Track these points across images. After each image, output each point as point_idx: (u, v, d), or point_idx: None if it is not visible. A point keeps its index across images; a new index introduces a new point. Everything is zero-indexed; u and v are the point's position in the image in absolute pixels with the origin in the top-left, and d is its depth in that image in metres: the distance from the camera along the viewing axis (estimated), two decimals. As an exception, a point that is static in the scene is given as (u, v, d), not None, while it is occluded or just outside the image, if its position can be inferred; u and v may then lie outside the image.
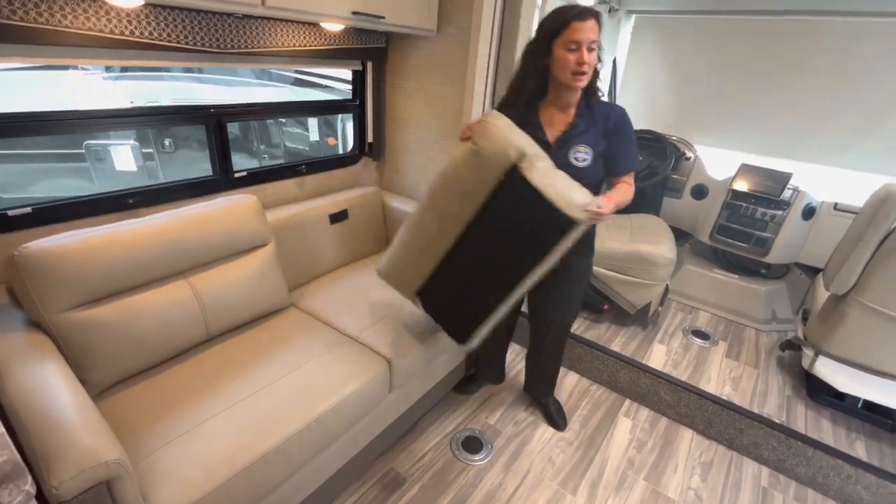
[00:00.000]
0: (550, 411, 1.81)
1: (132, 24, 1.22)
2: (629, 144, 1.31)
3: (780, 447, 1.67)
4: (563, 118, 1.30)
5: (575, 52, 1.15)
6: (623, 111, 1.30)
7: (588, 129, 1.27)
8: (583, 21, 1.13)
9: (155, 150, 3.57)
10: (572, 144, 1.27)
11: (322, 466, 1.30)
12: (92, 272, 1.14)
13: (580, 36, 1.13)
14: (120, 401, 1.16)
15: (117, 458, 0.81)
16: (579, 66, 1.16)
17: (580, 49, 1.14)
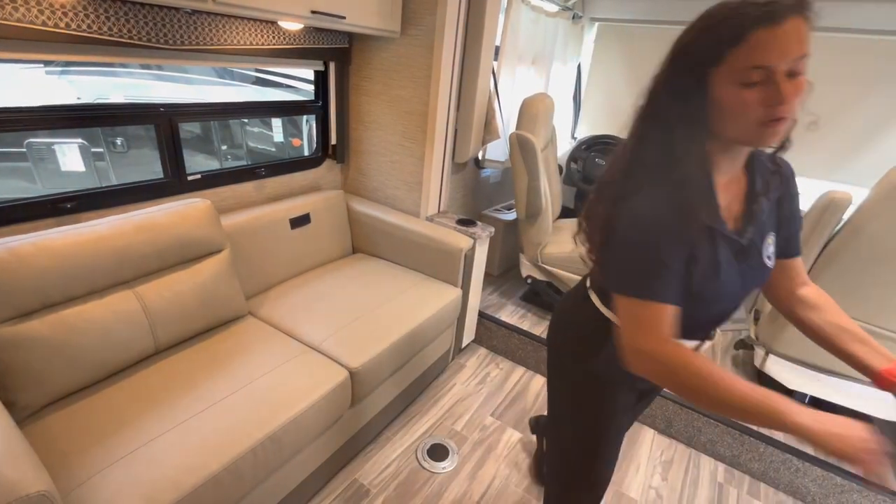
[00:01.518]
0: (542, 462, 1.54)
1: (68, 16, 1.13)
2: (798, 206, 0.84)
3: (734, 444, 1.73)
4: (733, 193, 0.76)
5: (763, 87, 0.61)
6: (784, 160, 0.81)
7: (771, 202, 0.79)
8: (775, 25, 0.59)
9: (106, 150, 3.37)
10: (761, 233, 0.77)
11: (280, 483, 1.24)
12: (20, 284, 1.05)
13: (775, 57, 0.59)
14: (54, 423, 1.07)
15: (41, 490, 0.74)
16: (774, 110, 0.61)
17: (773, 79, 0.60)
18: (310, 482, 1.38)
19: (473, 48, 1.98)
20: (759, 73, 0.60)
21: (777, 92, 0.60)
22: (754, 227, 0.76)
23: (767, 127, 0.63)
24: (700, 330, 0.84)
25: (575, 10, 2.95)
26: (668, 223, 0.69)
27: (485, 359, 2.20)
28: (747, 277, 0.77)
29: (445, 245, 1.87)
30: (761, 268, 0.78)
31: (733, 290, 0.77)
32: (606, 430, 0.98)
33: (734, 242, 0.75)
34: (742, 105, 0.63)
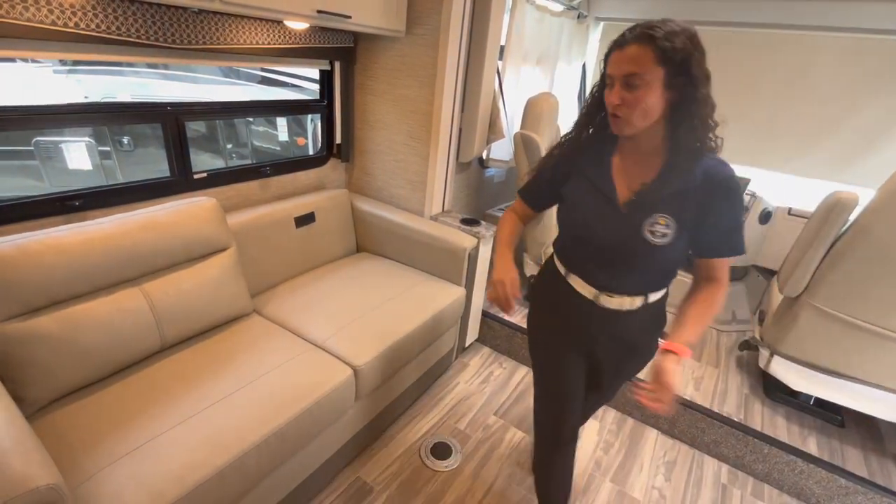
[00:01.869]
0: None
1: (76, 15, 1.14)
2: (736, 220, 0.93)
3: (738, 445, 1.72)
4: (640, 171, 0.94)
5: (609, 90, 0.87)
6: (731, 174, 0.91)
7: (678, 194, 0.91)
8: (619, 49, 0.84)
9: (112, 149, 3.40)
10: (650, 212, 0.92)
11: (283, 480, 1.25)
12: (30, 281, 1.07)
13: (612, 69, 0.86)
14: (61, 418, 1.08)
15: (50, 483, 0.75)
16: (611, 107, 0.87)
17: (613, 85, 0.86)
18: (314, 479, 1.38)
19: (478, 48, 1.98)
20: (608, 79, 0.88)
21: (611, 94, 0.87)
22: (636, 202, 0.94)
23: (610, 118, 0.90)
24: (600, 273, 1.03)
25: (580, 10, 2.95)
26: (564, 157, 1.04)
27: (488, 358, 2.21)
28: (618, 234, 0.96)
29: (449, 244, 1.87)
30: (638, 236, 0.93)
31: (599, 234, 0.98)
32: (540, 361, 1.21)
33: (609, 200, 0.97)
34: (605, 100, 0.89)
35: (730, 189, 0.91)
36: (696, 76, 0.82)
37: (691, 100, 0.84)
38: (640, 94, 0.83)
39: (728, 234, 0.94)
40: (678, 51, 0.80)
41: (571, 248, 1.08)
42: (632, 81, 0.83)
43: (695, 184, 0.89)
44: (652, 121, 0.86)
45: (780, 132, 2.76)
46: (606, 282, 1.02)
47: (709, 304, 0.98)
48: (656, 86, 0.82)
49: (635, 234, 0.93)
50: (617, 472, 1.67)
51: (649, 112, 0.85)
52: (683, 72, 0.82)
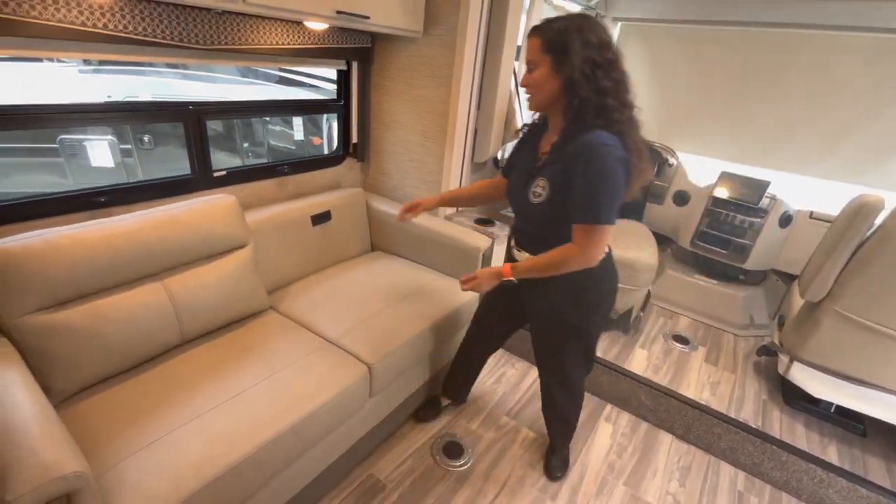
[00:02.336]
0: (552, 455, 1.62)
1: (105, 16, 1.17)
2: (594, 185, 1.01)
3: (755, 452, 1.69)
4: (547, 147, 1.17)
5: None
6: (596, 147, 1.01)
7: (555, 161, 1.10)
8: (527, 39, 1.07)
9: (134, 147, 3.47)
10: (536, 176, 1.15)
11: (298, 475, 1.27)
12: (57, 274, 1.10)
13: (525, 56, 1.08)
14: (85, 409, 1.11)
15: (77, 471, 0.77)
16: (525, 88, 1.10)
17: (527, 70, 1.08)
18: (327, 475, 1.40)
19: (495, 48, 1.98)
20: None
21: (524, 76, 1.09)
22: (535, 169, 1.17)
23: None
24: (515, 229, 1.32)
25: (597, 10, 2.93)
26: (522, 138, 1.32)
27: (500, 358, 2.20)
28: (518, 194, 1.20)
29: (464, 244, 1.87)
30: (525, 196, 1.16)
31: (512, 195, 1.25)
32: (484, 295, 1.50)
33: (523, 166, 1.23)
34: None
35: (588, 161, 1.01)
36: (578, 67, 0.99)
37: (574, 85, 1.01)
38: (535, 75, 1.06)
39: (581, 203, 1.05)
40: (561, 44, 1.00)
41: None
42: (530, 66, 1.06)
43: (568, 154, 1.05)
44: (549, 99, 1.07)
45: (803, 134, 2.70)
46: (517, 237, 1.30)
47: (557, 254, 1.12)
48: (545, 70, 1.04)
49: (524, 194, 1.17)
50: (630, 475, 1.65)
51: (542, 91, 1.06)
52: (566, 62, 1.00)
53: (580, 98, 1.02)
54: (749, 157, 2.87)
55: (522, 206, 1.19)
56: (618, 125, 1.03)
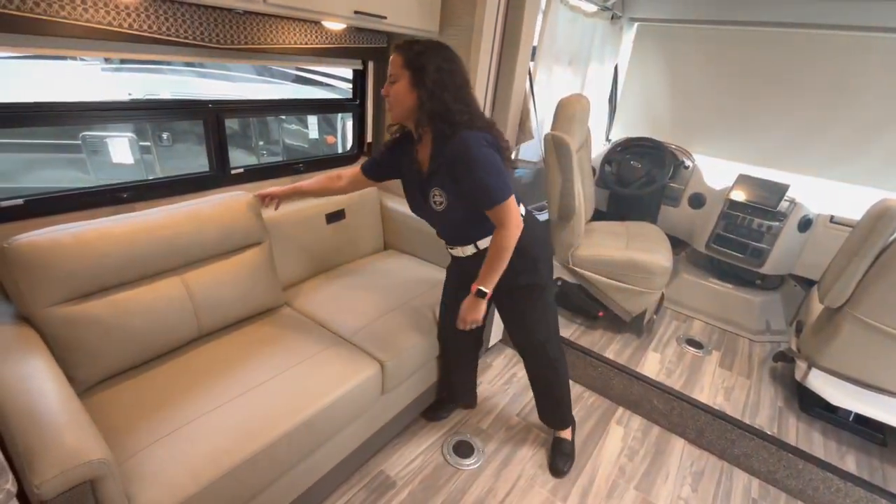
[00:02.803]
0: (556, 452, 1.64)
1: (131, 16, 1.20)
2: (477, 174, 1.12)
3: (770, 459, 1.67)
4: (424, 157, 1.24)
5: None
6: (460, 140, 1.11)
7: (438, 168, 1.19)
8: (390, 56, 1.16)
9: (153, 144, 3.54)
10: (430, 186, 1.22)
11: (311, 468, 1.28)
12: (83, 267, 1.13)
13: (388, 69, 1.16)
14: (107, 398, 1.14)
15: (101, 458, 0.79)
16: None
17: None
18: (340, 469, 1.41)
19: (510, 49, 1.98)
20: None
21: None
22: (424, 181, 1.25)
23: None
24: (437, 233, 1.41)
25: (614, 10, 2.90)
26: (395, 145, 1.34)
27: (511, 359, 2.20)
28: (422, 209, 1.30)
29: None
30: (429, 207, 1.25)
31: (418, 207, 1.34)
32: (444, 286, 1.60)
33: (413, 179, 1.29)
34: None
35: (464, 158, 1.12)
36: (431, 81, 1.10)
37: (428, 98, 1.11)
38: (397, 87, 1.14)
39: (479, 194, 1.14)
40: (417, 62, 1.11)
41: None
42: (392, 79, 1.15)
43: (445, 159, 1.15)
44: (406, 109, 1.15)
45: (823, 136, 2.65)
46: (443, 238, 1.39)
47: (495, 246, 1.19)
48: (404, 83, 1.13)
49: (426, 204, 1.25)
50: (642, 479, 1.64)
51: (402, 103, 1.14)
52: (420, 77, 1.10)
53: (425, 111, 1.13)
54: (767, 159, 2.82)
55: (431, 215, 1.28)
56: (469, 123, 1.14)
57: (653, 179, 2.73)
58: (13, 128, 1.19)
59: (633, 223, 2.64)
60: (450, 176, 1.16)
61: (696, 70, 3.00)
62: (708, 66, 2.94)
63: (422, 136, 1.20)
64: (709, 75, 2.95)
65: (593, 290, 2.32)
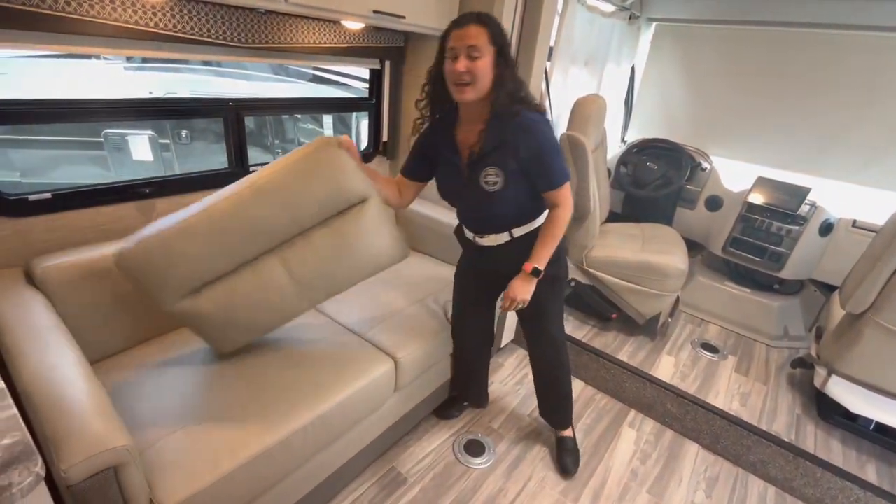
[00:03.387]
0: (559, 450, 1.65)
1: (157, 16, 1.23)
2: (547, 154, 1.14)
3: (787, 466, 1.64)
4: (473, 137, 1.19)
5: (454, 62, 1.07)
6: (529, 120, 1.12)
7: (498, 147, 1.15)
8: (459, 28, 1.07)
9: (172, 141, 3.61)
10: (482, 166, 1.17)
11: (325, 462, 1.30)
12: (195, 259, 1.13)
13: (456, 43, 1.06)
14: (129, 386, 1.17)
15: (125, 445, 0.81)
16: (457, 76, 1.07)
17: (458, 57, 1.06)
18: (352, 464, 1.43)
19: (527, 49, 1.97)
20: (452, 52, 1.08)
21: (457, 64, 1.06)
22: (473, 160, 1.19)
23: (455, 87, 1.10)
24: (471, 221, 1.36)
25: (632, 10, 2.88)
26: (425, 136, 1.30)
27: (523, 360, 2.19)
28: (467, 190, 1.23)
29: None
30: (478, 188, 1.20)
31: (458, 193, 1.30)
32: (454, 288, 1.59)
33: (453, 164, 1.23)
34: (447, 71, 1.10)
35: (535, 135, 1.12)
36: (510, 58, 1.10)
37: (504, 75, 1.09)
38: (482, 63, 1.06)
39: (546, 171, 1.16)
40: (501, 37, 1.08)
41: (456, 208, 1.38)
42: (473, 53, 1.05)
43: (509, 137, 1.13)
44: (485, 87, 1.09)
45: (846, 139, 2.59)
46: (476, 226, 1.34)
47: (551, 225, 1.22)
48: (489, 58, 1.07)
49: (476, 186, 1.20)
50: (654, 483, 1.62)
51: (485, 80, 1.08)
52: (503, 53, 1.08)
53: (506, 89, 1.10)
54: (788, 162, 2.77)
55: (477, 196, 1.22)
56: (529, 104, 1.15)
57: (669, 181, 2.70)
58: (37, 124, 1.22)
59: (649, 225, 2.61)
60: (513, 155, 1.13)
61: (714, 71, 2.95)
62: (727, 67, 2.90)
63: (472, 116, 1.17)
64: (727, 76, 2.91)
65: (607, 291, 2.31)
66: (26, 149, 3.09)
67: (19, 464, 0.65)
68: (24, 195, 1.23)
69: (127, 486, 0.85)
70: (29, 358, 0.95)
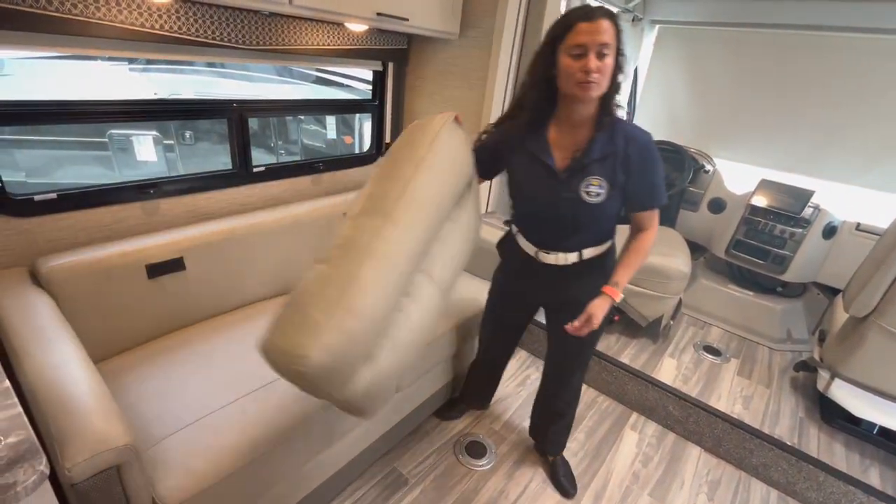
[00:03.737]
0: (558, 473, 1.58)
1: (162, 18, 1.24)
2: (655, 172, 1.07)
3: (790, 470, 1.63)
4: (573, 141, 1.08)
5: (580, 59, 0.95)
6: (649, 138, 1.06)
7: (605, 156, 1.05)
8: (590, 22, 0.93)
9: (176, 142, 3.63)
10: (584, 175, 1.06)
11: (326, 463, 1.30)
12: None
13: (586, 38, 0.93)
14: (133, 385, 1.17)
15: (128, 443, 0.82)
16: (585, 75, 0.94)
17: (587, 54, 0.94)
18: (353, 465, 1.43)
19: (531, 50, 1.98)
20: (578, 49, 0.95)
21: (587, 62, 0.94)
22: (573, 167, 1.07)
23: (582, 84, 0.96)
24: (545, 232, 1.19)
25: (635, 13, 2.88)
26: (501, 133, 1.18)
27: (525, 361, 2.19)
28: (559, 197, 1.09)
29: (492, 245, 1.85)
30: (576, 198, 1.07)
31: (543, 199, 1.12)
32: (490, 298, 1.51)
33: (550, 169, 1.09)
34: (569, 68, 0.97)
35: (649, 150, 1.06)
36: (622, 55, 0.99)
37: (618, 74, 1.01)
38: (609, 62, 0.96)
39: (651, 190, 1.09)
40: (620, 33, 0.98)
41: (521, 213, 1.25)
42: (604, 51, 0.95)
43: (619, 147, 1.04)
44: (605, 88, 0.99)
45: (850, 141, 2.58)
46: (549, 240, 1.19)
47: (638, 250, 1.14)
48: (613, 58, 0.97)
49: (574, 195, 1.07)
50: (656, 486, 1.62)
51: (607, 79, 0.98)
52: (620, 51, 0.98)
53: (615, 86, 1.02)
54: (792, 165, 2.77)
55: (570, 206, 1.09)
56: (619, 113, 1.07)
57: (672, 183, 2.69)
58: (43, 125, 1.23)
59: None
60: (623, 166, 1.04)
61: (717, 73, 2.95)
62: (730, 70, 2.90)
63: (576, 118, 1.06)
64: (730, 78, 2.90)
65: (609, 293, 2.30)
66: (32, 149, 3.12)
67: (24, 462, 0.65)
68: (30, 195, 1.24)
69: (130, 484, 0.85)
70: (34, 357, 0.96)
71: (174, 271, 1.38)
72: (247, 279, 1.58)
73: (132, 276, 1.30)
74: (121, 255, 1.28)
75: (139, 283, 1.31)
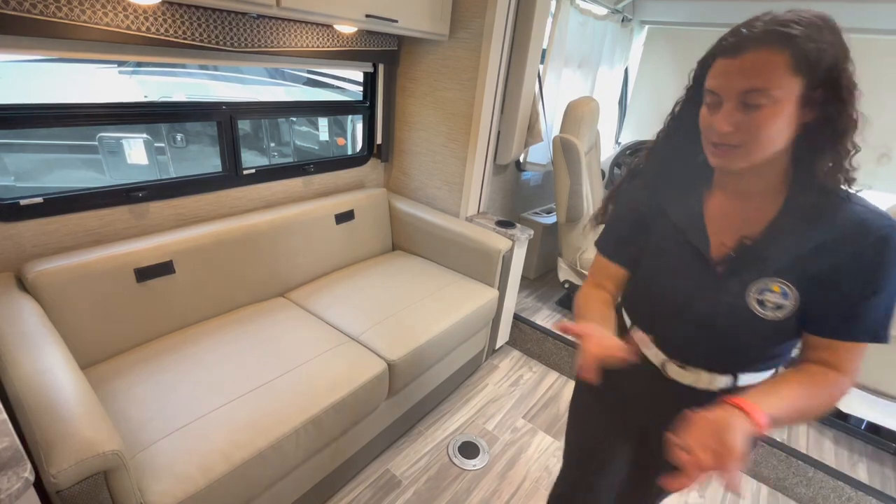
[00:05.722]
0: None
1: (149, 20, 1.23)
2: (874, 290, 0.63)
3: (779, 466, 1.65)
4: (747, 216, 0.70)
5: (714, 110, 0.63)
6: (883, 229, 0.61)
7: (799, 244, 0.65)
8: (732, 57, 0.60)
9: (167, 145, 3.61)
10: (760, 273, 0.68)
11: (318, 466, 1.30)
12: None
13: (719, 83, 0.62)
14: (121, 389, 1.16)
15: (114, 449, 0.81)
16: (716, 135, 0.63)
17: (720, 105, 0.62)
18: (346, 467, 1.43)
19: (520, 51, 1.99)
20: (712, 97, 0.63)
21: (716, 118, 0.62)
22: (739, 259, 0.69)
23: (711, 148, 0.65)
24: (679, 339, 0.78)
25: (625, 13, 2.90)
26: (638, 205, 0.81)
27: (518, 361, 2.20)
28: (709, 300, 0.71)
29: (484, 246, 1.88)
30: (739, 306, 0.68)
31: (683, 297, 0.75)
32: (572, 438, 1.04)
33: (699, 254, 0.73)
34: (702, 122, 0.66)
35: (877, 251, 0.61)
36: (846, 88, 0.58)
37: (835, 120, 0.59)
38: (764, 115, 0.59)
39: (863, 311, 0.64)
40: (824, 54, 0.56)
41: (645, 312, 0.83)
42: (753, 100, 0.58)
43: (834, 237, 0.63)
44: (776, 151, 0.62)
45: None
46: (687, 352, 0.77)
47: (826, 394, 0.66)
48: (788, 104, 0.58)
49: (735, 302, 0.69)
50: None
51: (775, 140, 0.60)
52: (828, 83, 0.58)
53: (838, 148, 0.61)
54: None
55: (726, 315, 0.71)
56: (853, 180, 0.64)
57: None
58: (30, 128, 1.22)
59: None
60: (830, 268, 0.64)
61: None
62: (719, 70, 2.91)
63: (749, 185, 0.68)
64: (720, 78, 2.92)
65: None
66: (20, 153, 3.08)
67: (8, 469, 0.65)
68: (16, 199, 1.23)
69: (117, 490, 0.85)
70: (19, 363, 0.95)
71: (163, 275, 1.38)
72: (237, 282, 1.57)
73: (121, 281, 1.29)
74: (109, 260, 1.28)
75: (128, 287, 1.31)
